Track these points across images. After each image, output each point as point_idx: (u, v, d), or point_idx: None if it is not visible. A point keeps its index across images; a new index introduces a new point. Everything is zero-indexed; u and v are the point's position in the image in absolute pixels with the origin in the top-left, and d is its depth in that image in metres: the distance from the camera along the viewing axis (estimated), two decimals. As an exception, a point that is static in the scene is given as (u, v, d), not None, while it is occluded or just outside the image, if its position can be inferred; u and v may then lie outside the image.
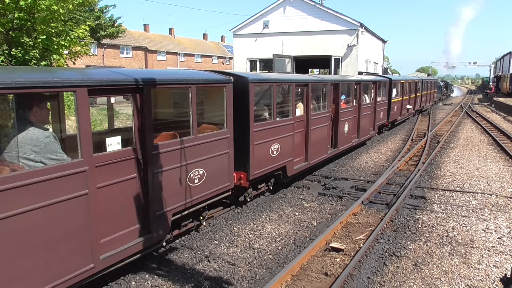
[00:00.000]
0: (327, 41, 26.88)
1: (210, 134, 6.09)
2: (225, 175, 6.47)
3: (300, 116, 8.88)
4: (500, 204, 7.94)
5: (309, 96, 9.04)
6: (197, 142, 5.72)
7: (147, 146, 4.83)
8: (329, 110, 10.28)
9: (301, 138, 9.01)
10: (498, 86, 56.20)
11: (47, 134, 4.07)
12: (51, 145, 4.03)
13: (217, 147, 6.19)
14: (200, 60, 65.92)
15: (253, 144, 7.09)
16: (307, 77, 9.85)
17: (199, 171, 5.81)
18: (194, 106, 5.64)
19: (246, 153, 6.99)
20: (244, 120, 6.91)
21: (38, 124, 4.06)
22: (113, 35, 30.15)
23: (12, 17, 11.83)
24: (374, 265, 5.39)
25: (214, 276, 5.11)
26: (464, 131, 18.86)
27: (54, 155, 4.01)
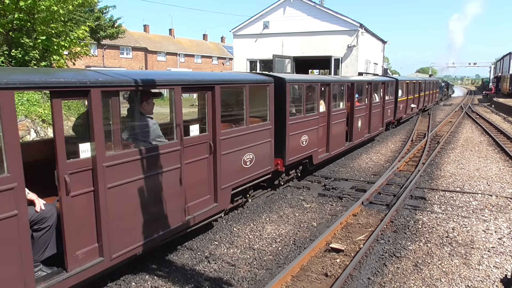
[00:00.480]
0: (327, 41, 26.89)
1: (257, 125, 7.28)
2: (268, 160, 7.68)
3: (323, 112, 10.04)
4: (500, 205, 7.94)
5: (331, 95, 10.27)
6: (249, 131, 6.97)
7: (216, 133, 6.01)
8: (346, 107, 11.54)
9: (324, 131, 10.20)
10: (498, 87, 56.22)
11: (154, 122, 5.23)
12: (157, 130, 5.17)
13: (263, 136, 7.42)
14: (200, 60, 65.94)
15: (288, 135, 8.26)
16: (329, 78, 11.64)
17: (250, 155, 7.04)
18: (247, 102, 6.85)
19: (283, 143, 8.17)
20: (281, 114, 8.06)
21: (147, 115, 5.18)
22: (113, 36, 30.18)
23: (12, 18, 11.85)
24: (374, 266, 5.38)
25: (214, 277, 5.11)
26: (464, 131, 18.87)
27: (159, 138, 5.16)
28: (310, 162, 9.54)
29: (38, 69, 7.23)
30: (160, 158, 4.96)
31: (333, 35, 26.72)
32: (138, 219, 4.71)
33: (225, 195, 6.38)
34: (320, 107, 9.77)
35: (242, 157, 6.82)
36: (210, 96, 5.94)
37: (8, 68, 6.46)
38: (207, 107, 5.95)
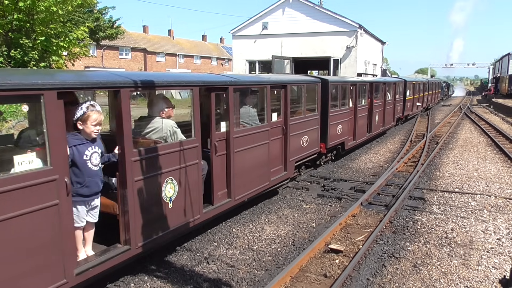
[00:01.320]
0: (326, 42, 26.92)
1: (310, 115, 9.44)
2: (316, 143, 9.87)
3: (351, 107, 12.27)
4: (499, 205, 7.95)
5: (357, 93, 12.62)
6: (306, 119, 9.12)
7: (287, 120, 8.12)
8: (367, 103, 13.92)
9: (351, 123, 12.38)
10: (497, 88, 56.30)
11: (254, 110, 7.27)
12: (256, 116, 7.23)
13: (313, 124, 9.59)
14: (199, 61, 65.95)
15: (329, 124, 10.47)
16: (356, 79, 13.55)
17: (306, 137, 9.20)
18: (304, 97, 9.08)
19: (326, 130, 10.33)
20: (324, 108, 10.19)
21: (249, 105, 7.25)
22: (112, 37, 30.21)
23: (11, 19, 11.85)
24: (374, 267, 5.38)
25: (213, 277, 5.10)
26: (463, 132, 18.89)
27: (256, 121, 7.20)
28: (342, 147, 11.84)
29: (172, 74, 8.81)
30: (259, 135, 7.07)
31: (332, 36, 26.75)
32: (248, 175, 6.78)
33: (291, 166, 8.56)
34: (349, 103, 12.17)
35: (301, 138, 9.01)
36: (284, 93, 8.01)
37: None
38: (282, 100, 8.05)
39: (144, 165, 4.61)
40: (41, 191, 3.56)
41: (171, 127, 5.40)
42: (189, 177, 5.35)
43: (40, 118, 3.61)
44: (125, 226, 4.52)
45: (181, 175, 5.20)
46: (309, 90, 9.66)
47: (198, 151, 5.50)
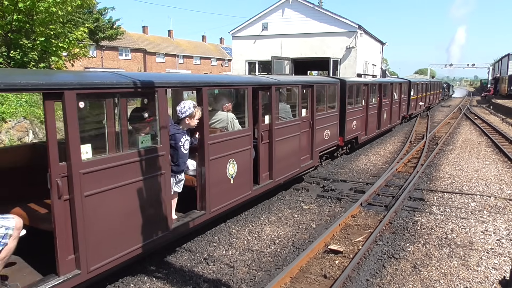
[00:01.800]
0: (325, 43, 26.92)
1: (331, 112, 10.59)
2: (335, 136, 11.04)
3: (364, 105, 13.54)
4: (499, 206, 7.95)
5: (369, 93, 13.99)
6: (328, 115, 10.37)
7: (314, 115, 9.32)
8: (377, 102, 15.28)
9: (363, 120, 13.63)
10: (496, 88, 56.33)
11: (288, 105, 8.41)
12: (289, 111, 8.39)
13: (334, 119, 10.82)
14: (199, 62, 65.97)
15: (346, 120, 11.67)
16: (368, 80, 14.89)
17: (327, 131, 10.38)
18: (327, 95, 10.39)
19: (343, 125, 11.61)
20: (342, 105, 11.44)
21: (284, 102, 8.39)
22: (111, 37, 30.22)
23: (11, 19, 11.84)
24: (373, 267, 5.38)
25: (212, 278, 5.10)
26: (462, 133, 18.90)
27: (290, 116, 8.37)
28: (356, 141, 13.15)
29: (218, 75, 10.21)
30: (293, 127, 8.24)
31: (332, 37, 26.74)
32: (285, 161, 7.97)
33: (316, 156, 9.74)
34: (362, 101, 13.44)
35: (324, 132, 10.23)
36: (311, 92, 9.22)
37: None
38: (309, 98, 9.24)
39: (215, 148, 5.86)
40: (156, 162, 4.79)
41: (232, 119, 6.75)
42: (244, 159, 6.62)
43: (153, 109, 4.82)
44: (201, 196, 5.78)
45: (239, 157, 6.44)
46: (330, 89, 10.90)
47: (250, 139, 6.74)
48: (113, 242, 4.28)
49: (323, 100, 10.29)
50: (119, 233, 4.35)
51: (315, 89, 9.35)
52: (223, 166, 6.12)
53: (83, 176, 3.89)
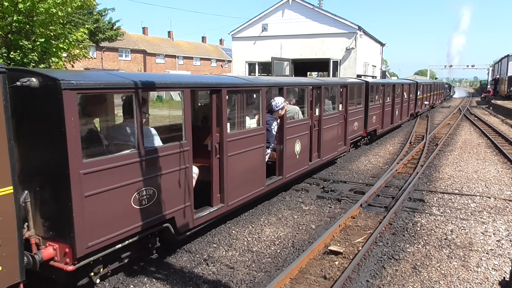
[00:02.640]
0: (325, 44, 26.92)
1: (359, 107, 12.98)
2: (361, 128, 13.41)
3: (381, 103, 15.96)
4: (499, 207, 7.95)
5: (385, 92, 16.33)
6: (356, 110, 12.67)
7: (347, 110, 11.59)
8: (391, 100, 17.38)
9: (380, 115, 15.90)
10: (496, 89, 56.33)
11: (330, 101, 10.47)
12: (331, 105, 10.57)
13: (360, 114, 13.18)
14: (199, 63, 65.99)
15: (368, 115, 13.96)
16: (385, 81, 18.79)
17: (356, 124, 12.70)
18: (356, 93, 12.75)
19: (366, 119, 13.83)
20: (366, 102, 13.78)
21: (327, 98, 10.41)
22: (111, 38, 30.20)
23: (11, 20, 11.83)
24: (373, 268, 5.38)
25: (212, 279, 5.10)
26: (462, 133, 18.90)
27: (331, 109, 10.45)
28: (374, 133, 15.38)
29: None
30: (334, 119, 10.46)
31: (332, 38, 26.75)
32: (329, 145, 10.23)
33: (348, 143, 12.02)
34: (380, 99, 15.84)
35: (354, 124, 12.50)
36: (345, 90, 11.44)
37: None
38: (344, 96, 11.39)
39: (289, 131, 8.06)
40: (257, 138, 6.93)
41: (298, 111, 8.76)
42: (305, 141, 8.79)
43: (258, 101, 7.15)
44: (279, 165, 7.97)
45: (302, 139, 8.68)
46: (358, 89, 13.06)
47: (308, 126, 8.97)
48: (239, 188, 6.53)
49: (353, 98, 12.56)
50: (241, 183, 6.59)
51: (349, 88, 11.72)
52: (293, 145, 8.32)
53: (228, 143, 6.11)
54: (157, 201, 4.90)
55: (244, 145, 6.53)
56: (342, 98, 11.38)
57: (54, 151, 3.95)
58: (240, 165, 6.46)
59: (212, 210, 5.97)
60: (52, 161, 4.00)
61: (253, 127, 6.95)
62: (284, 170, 7.97)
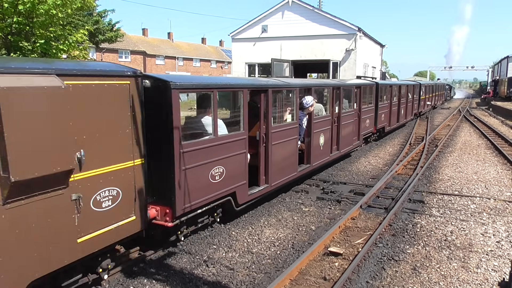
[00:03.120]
0: (325, 45, 26.93)
1: (370, 106, 14.59)
2: (371, 125, 14.97)
3: (388, 103, 17.49)
4: (499, 208, 7.96)
5: (392, 93, 17.99)
6: (368, 108, 14.26)
7: (360, 108, 13.07)
8: (397, 100, 19.06)
9: (388, 114, 17.53)
10: (496, 90, 56.35)
11: (347, 100, 11.62)
12: (347, 104, 11.85)
13: (371, 112, 14.83)
14: (198, 64, 65.99)
15: (378, 113, 15.70)
16: (392, 82, 21.56)
17: (368, 120, 14.21)
18: (368, 93, 14.22)
19: (376, 116, 15.53)
20: (376, 102, 15.40)
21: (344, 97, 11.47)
22: (111, 39, 30.19)
23: (11, 22, 11.84)
24: (373, 270, 5.38)
25: (212, 280, 5.10)
26: (462, 135, 18.91)
27: (348, 108, 11.73)
28: (383, 130, 16.98)
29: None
30: (351, 116, 11.85)
31: (332, 39, 26.76)
32: (345, 139, 11.53)
33: (361, 138, 13.56)
34: (387, 100, 17.46)
35: (366, 121, 13.97)
36: (359, 91, 12.90)
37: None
38: (357, 96, 12.79)
39: (316, 125, 9.47)
40: (292, 131, 8.26)
41: (322, 108, 10.09)
42: (327, 135, 10.24)
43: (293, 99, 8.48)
44: (307, 155, 9.38)
45: (325, 133, 10.02)
46: (369, 89, 14.52)
47: (330, 122, 10.41)
48: (279, 172, 7.89)
49: (365, 97, 13.89)
50: (281, 168, 7.92)
51: (362, 89, 13.20)
52: (318, 137, 9.66)
53: (272, 134, 7.45)
54: (225, 177, 6.30)
55: (283, 136, 7.94)
56: (357, 97, 12.74)
57: (163, 134, 5.23)
58: (280, 153, 7.84)
59: (260, 189, 7.39)
60: (161, 142, 5.28)
61: (289, 121, 8.31)
62: (312, 159, 9.40)
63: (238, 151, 6.54)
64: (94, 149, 4.23)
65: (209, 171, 5.90)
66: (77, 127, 4.02)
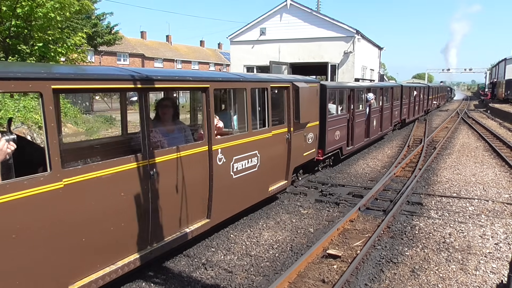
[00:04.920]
0: (323, 48, 27.00)
1: (396, 102, 18.96)
2: (398, 116, 19.38)
3: (407, 101, 21.66)
4: (497, 210, 7.97)
5: (409, 93, 22.00)
6: (396, 104, 19.07)
7: (393, 104, 18.26)
8: (413, 99, 23.65)
9: (407, 109, 22.13)
10: (494, 93, 56.53)
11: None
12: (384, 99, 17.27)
13: (398, 107, 19.50)
14: (197, 67, 66.03)
15: (402, 108, 20.43)
16: (409, 84, 25.95)
17: (396, 113, 19.02)
18: (396, 93, 19.28)
19: (401, 111, 20.33)
20: (401, 99, 20.23)
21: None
22: (110, 42, 30.25)
23: (9, 25, 11.85)
24: (372, 272, 5.38)
25: (211, 283, 5.09)
26: (460, 137, 18.95)
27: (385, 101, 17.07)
28: (404, 121, 21.72)
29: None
30: (387, 108, 17.08)
31: (330, 42, 26.84)
32: (384, 123, 16.74)
33: (393, 125, 18.58)
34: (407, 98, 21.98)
35: (395, 113, 18.38)
36: (392, 91, 17.39)
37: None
38: (391, 94, 17.24)
39: (371, 112, 14.43)
40: (363, 115, 13.76)
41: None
42: (377, 120, 14.65)
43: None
44: (367, 131, 14.08)
45: (376, 118, 14.87)
46: (396, 89, 19.01)
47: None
48: (357, 139, 13.20)
49: (395, 96, 18.59)
50: (358, 137, 13.16)
51: (394, 89, 18.32)
52: (373, 121, 14.27)
53: (356, 115, 12.96)
54: (339, 138, 11.33)
55: (360, 117, 13.42)
56: (390, 95, 17.66)
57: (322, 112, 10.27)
58: (359, 128, 13.23)
59: (350, 148, 12.66)
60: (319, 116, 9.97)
61: (361, 109, 13.59)
62: (370, 134, 14.59)
63: (343, 124, 11.76)
64: (311, 115, 8.91)
65: (338, 132, 11.23)
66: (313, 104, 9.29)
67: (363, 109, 13.60)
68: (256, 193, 7.20)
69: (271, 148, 7.37)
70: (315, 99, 9.34)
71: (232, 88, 6.77)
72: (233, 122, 6.75)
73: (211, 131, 5.63)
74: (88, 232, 4.01)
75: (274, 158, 7.56)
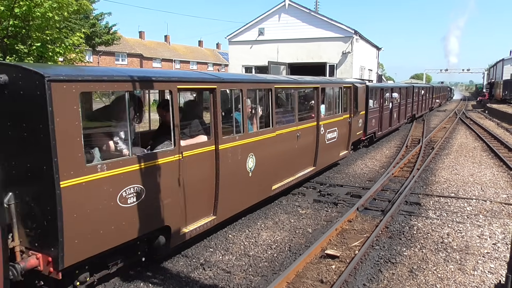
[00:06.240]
0: (322, 48, 27.00)
1: (408, 100, 23.31)
2: (410, 112, 24.50)
3: (417, 99, 26.28)
4: (495, 210, 7.98)
5: (419, 91, 26.69)
6: (409, 101, 23.36)
7: (406, 101, 22.82)
8: (421, 97, 27.94)
9: (417, 105, 26.53)
10: (491, 93, 56.67)
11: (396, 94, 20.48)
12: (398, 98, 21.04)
13: (410, 104, 24.01)
14: (195, 67, 65.96)
15: (413, 104, 25.40)
16: (420, 85, 32.29)
17: (408, 109, 23.69)
18: (411, 92, 24.18)
19: (412, 107, 25.33)
20: (412, 98, 24.77)
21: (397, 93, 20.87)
22: (108, 42, 30.15)
23: (7, 25, 11.80)
24: (370, 272, 5.38)
25: (209, 284, 5.08)
26: (458, 137, 18.98)
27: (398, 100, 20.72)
28: (414, 116, 25.42)
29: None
30: (403, 105, 21.57)
31: (328, 42, 26.84)
32: (400, 117, 21.02)
33: (407, 119, 23.39)
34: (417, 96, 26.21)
35: (407, 109, 23.04)
36: (406, 90, 22.12)
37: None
38: (405, 93, 21.91)
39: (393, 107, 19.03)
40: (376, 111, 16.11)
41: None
42: (397, 113, 19.77)
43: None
44: (390, 121, 18.55)
45: (396, 112, 19.68)
46: (408, 89, 22.72)
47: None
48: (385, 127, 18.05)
49: (409, 95, 22.83)
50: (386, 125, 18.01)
51: (407, 89, 22.13)
52: (394, 113, 18.74)
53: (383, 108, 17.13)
54: (374, 124, 15.26)
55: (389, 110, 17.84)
56: (405, 94, 21.53)
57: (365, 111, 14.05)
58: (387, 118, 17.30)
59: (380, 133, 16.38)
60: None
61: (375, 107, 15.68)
62: (392, 124, 17.62)
63: (376, 114, 15.23)
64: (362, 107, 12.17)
65: (372, 121, 13.87)
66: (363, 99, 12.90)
67: (387, 104, 17.58)
68: (335, 155, 11.16)
69: (341, 127, 11.05)
70: (363, 95, 13.02)
71: (328, 87, 10.46)
72: (320, 110, 9.70)
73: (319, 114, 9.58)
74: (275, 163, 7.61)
75: (343, 135, 11.23)
